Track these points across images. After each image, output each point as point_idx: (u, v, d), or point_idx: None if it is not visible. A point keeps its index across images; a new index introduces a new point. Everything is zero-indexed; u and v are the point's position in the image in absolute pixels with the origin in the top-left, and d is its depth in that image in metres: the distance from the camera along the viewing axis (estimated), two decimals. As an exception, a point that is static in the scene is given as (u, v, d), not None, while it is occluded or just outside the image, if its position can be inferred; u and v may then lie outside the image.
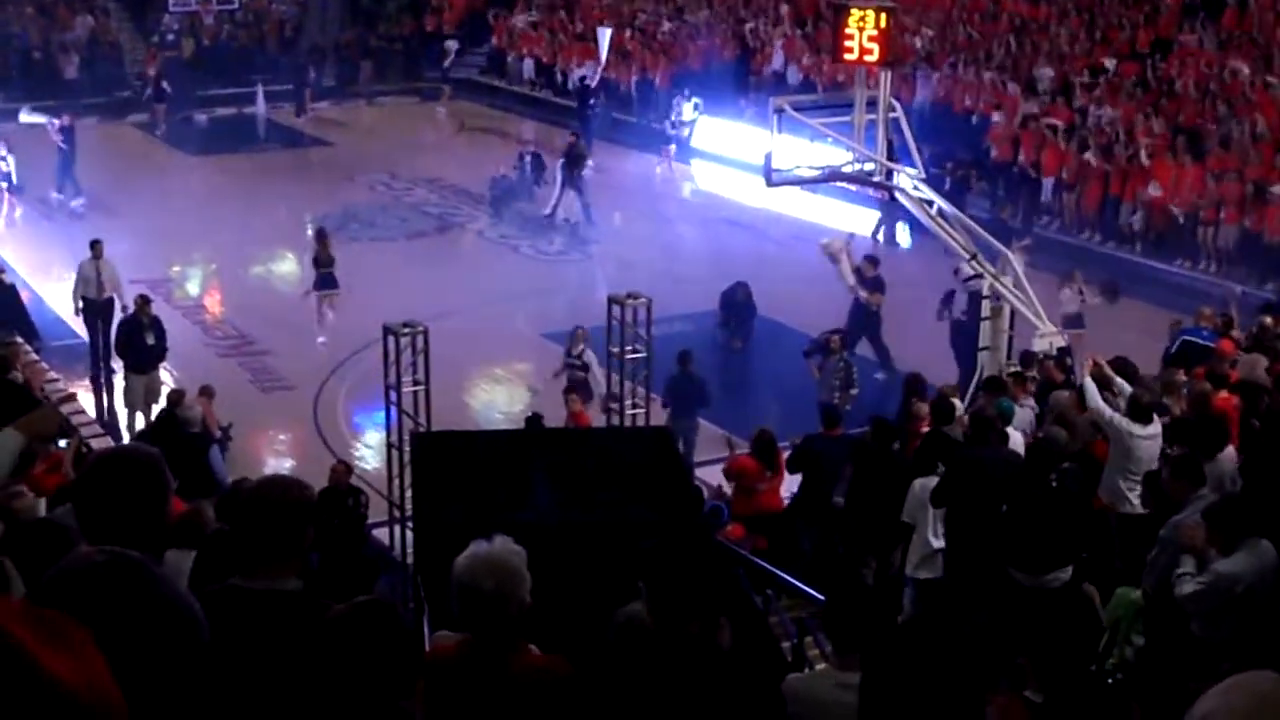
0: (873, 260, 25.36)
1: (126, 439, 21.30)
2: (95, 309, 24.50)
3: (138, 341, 22.55)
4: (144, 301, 22.95)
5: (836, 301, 24.86)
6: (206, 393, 20.60)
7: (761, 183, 23.65)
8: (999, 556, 11.96)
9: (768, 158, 22.41)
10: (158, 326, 22.79)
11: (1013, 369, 19.56)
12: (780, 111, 22.26)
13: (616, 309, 19.58)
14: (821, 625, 9.44)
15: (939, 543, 13.64)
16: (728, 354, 24.92)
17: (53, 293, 27.40)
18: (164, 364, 22.86)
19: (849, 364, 22.25)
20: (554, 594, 7.24)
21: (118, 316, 24.01)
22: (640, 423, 18.95)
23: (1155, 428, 14.02)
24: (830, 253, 24.70)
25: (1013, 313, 21.53)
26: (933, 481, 13.63)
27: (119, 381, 23.39)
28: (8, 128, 37.99)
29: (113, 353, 23.64)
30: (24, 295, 26.58)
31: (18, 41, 47.57)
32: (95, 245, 24.79)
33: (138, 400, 22.41)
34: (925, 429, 15.78)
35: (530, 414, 19.90)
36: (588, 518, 10.94)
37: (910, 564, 13.95)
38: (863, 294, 24.64)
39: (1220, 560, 9.72)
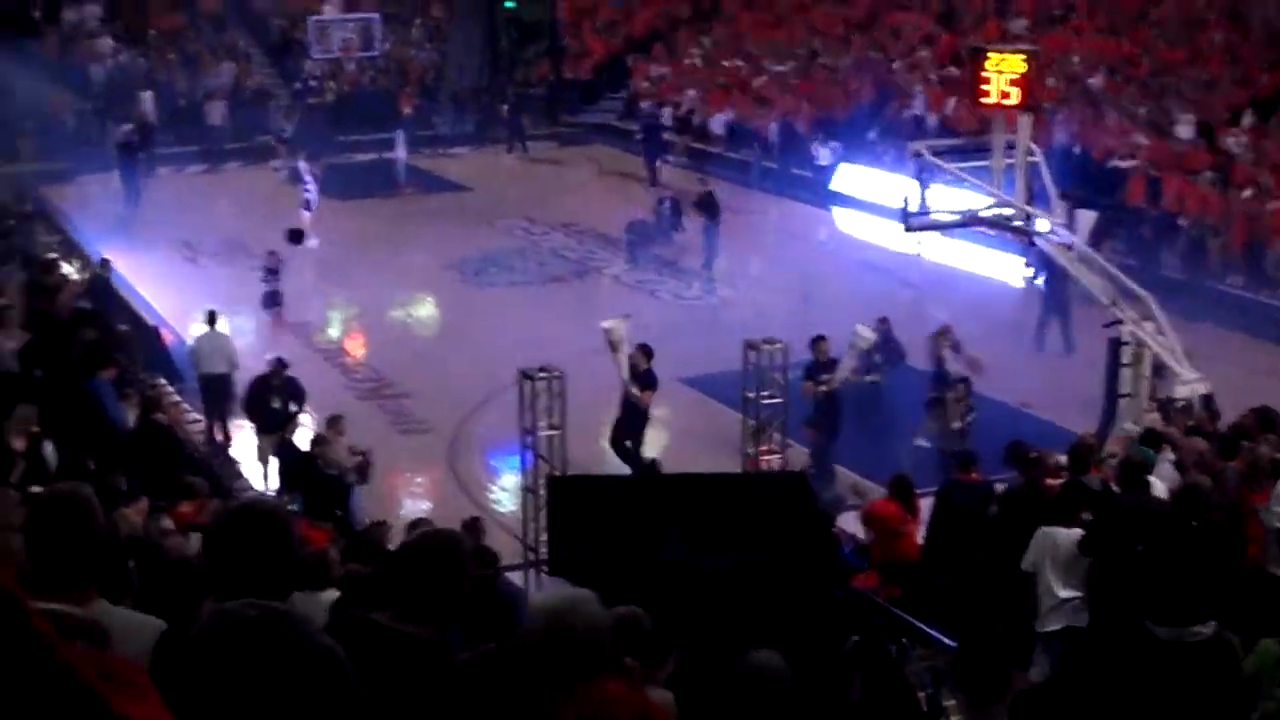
0: (646, 351, 22.78)
1: (263, 487, 21.37)
2: (209, 383, 23.83)
3: (264, 404, 22.37)
4: (279, 365, 22.75)
5: (973, 345, 24.64)
6: (335, 425, 20.56)
7: (901, 227, 23.56)
8: (1138, 609, 11.73)
9: (906, 202, 22.34)
10: (289, 390, 22.42)
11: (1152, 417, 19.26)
12: (918, 156, 22.19)
13: (752, 354, 19.57)
14: (952, 677, 9.34)
15: (1066, 593, 13.37)
16: (867, 400, 24.62)
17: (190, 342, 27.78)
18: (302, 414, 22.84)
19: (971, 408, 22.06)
20: (684, 637, 7.22)
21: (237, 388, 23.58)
22: (776, 467, 18.90)
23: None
24: (611, 339, 22.35)
25: (1154, 358, 21.29)
26: (1062, 532, 13.39)
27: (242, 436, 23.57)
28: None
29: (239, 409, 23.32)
30: (167, 337, 26.95)
31: (164, 89, 48.41)
32: (211, 316, 24.32)
33: (265, 460, 22.01)
34: (1053, 480, 15.55)
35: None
36: (721, 563, 10.90)
37: (1036, 616, 13.60)
38: (634, 390, 22.32)
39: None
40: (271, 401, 22.27)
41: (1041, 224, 22.44)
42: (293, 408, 22.35)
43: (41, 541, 4.83)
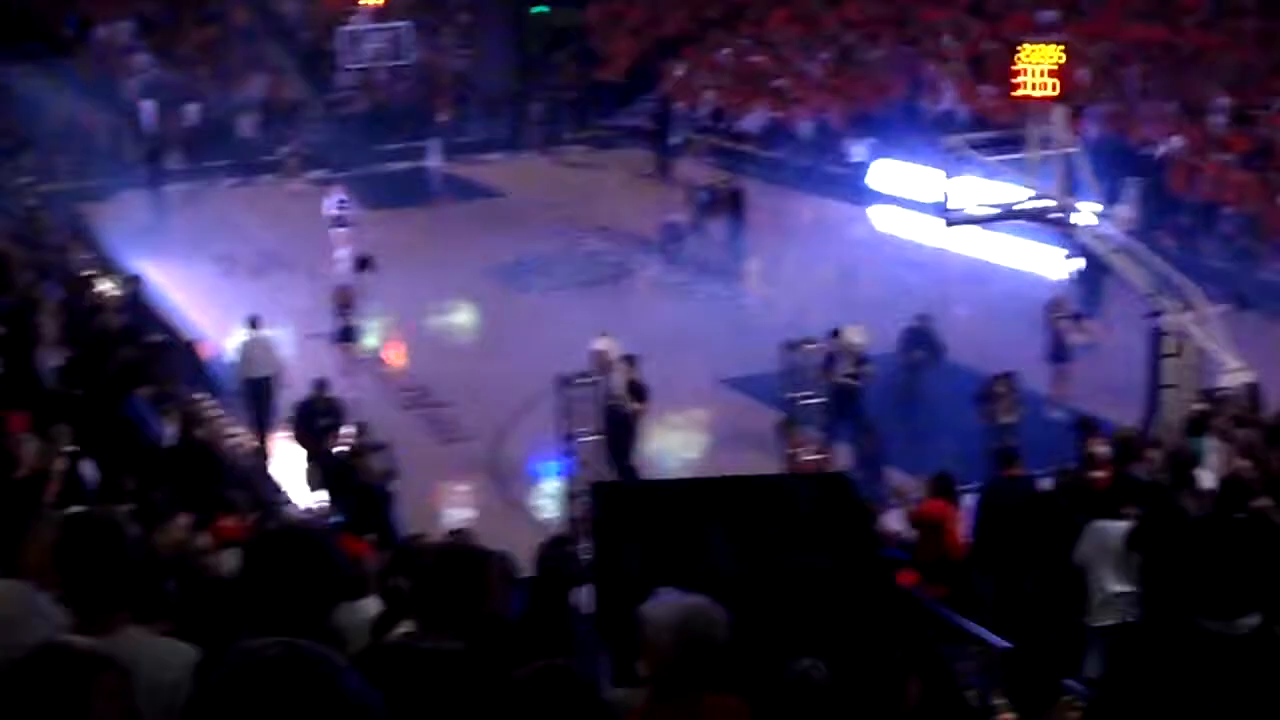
0: (630, 360, 22.73)
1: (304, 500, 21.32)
2: (252, 385, 24.23)
3: (311, 427, 22.44)
4: (320, 387, 22.87)
5: (1016, 343, 24.51)
6: (364, 433, 20.59)
7: (938, 223, 23.42)
8: (1187, 602, 11.61)
9: (944, 197, 22.24)
10: (332, 410, 22.54)
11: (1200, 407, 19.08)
12: (952, 150, 22.09)
13: (790, 354, 19.48)
14: (1003, 677, 9.24)
15: (1119, 587, 13.25)
16: (908, 397, 24.53)
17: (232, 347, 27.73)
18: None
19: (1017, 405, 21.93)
20: (731, 645, 7.13)
21: (282, 392, 24.04)
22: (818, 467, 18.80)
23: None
24: (603, 360, 22.44)
25: (1198, 349, 21.12)
26: (1112, 525, 13.27)
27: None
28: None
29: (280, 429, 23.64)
30: (205, 350, 26.95)
31: (196, 101, 48.50)
32: (254, 321, 24.75)
33: (315, 483, 21.76)
34: (1102, 471, 15.40)
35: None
36: (764, 567, 10.80)
37: (1088, 610, 13.50)
38: (631, 405, 22.07)
39: None
40: (318, 423, 22.27)
41: (1080, 215, 22.30)
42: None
43: (71, 566, 4.77)
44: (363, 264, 30.68)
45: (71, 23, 51.90)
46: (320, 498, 20.75)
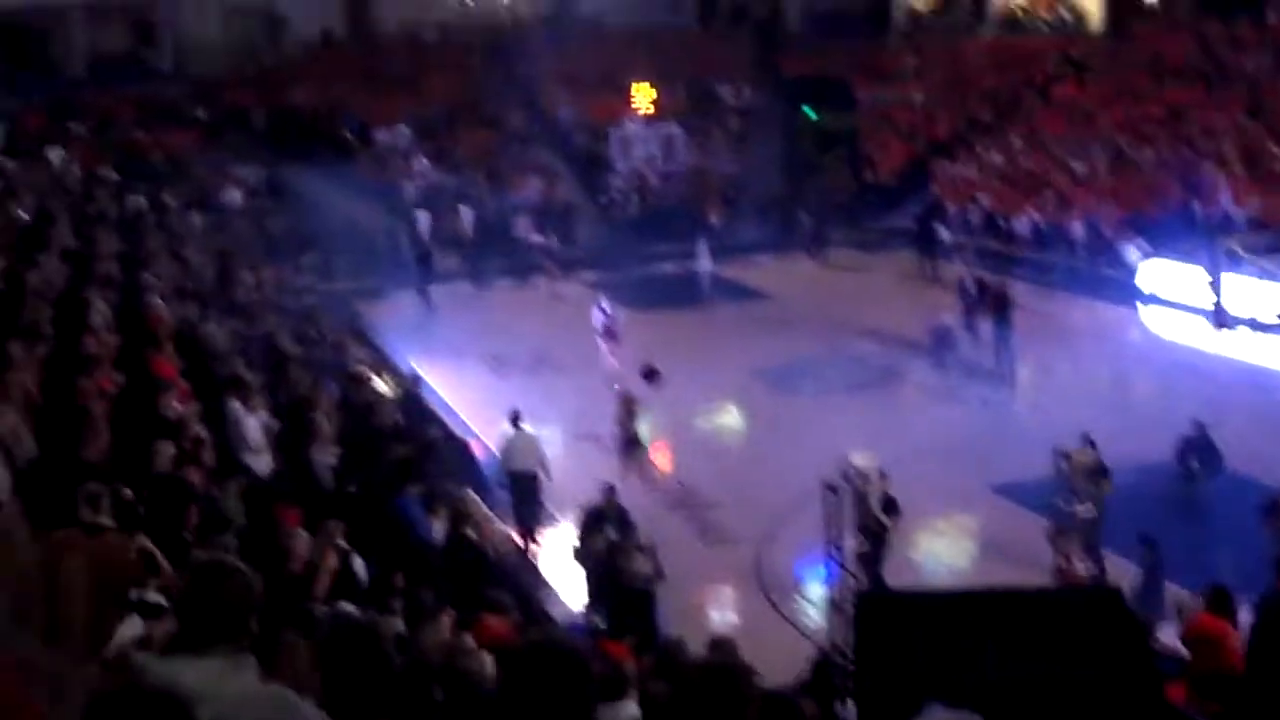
0: (884, 476, 21.86)
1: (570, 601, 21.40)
2: (517, 480, 24.48)
3: (598, 534, 21.89)
4: (610, 492, 22.44)
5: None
6: (629, 532, 20.72)
7: (1213, 327, 22.90)
8: None
9: (1218, 300, 21.74)
10: (621, 518, 22.06)
11: None
12: (1231, 253, 21.62)
13: (1062, 461, 19.13)
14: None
15: None
16: (1185, 508, 23.88)
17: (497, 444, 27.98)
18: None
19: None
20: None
21: (546, 490, 24.43)
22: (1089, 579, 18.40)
23: None
24: (860, 475, 21.26)
25: None
26: None
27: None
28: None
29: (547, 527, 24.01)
30: (476, 449, 27.30)
31: (473, 205, 49.50)
32: (517, 417, 25.08)
33: (580, 584, 21.78)
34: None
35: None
36: (1031, 682, 10.56)
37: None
38: (882, 518, 21.54)
39: None
40: (604, 531, 22.07)
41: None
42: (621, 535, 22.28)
43: (333, 672, 4.82)
44: (649, 375, 30.85)
45: (353, 128, 53.57)
46: (584, 599, 20.83)
